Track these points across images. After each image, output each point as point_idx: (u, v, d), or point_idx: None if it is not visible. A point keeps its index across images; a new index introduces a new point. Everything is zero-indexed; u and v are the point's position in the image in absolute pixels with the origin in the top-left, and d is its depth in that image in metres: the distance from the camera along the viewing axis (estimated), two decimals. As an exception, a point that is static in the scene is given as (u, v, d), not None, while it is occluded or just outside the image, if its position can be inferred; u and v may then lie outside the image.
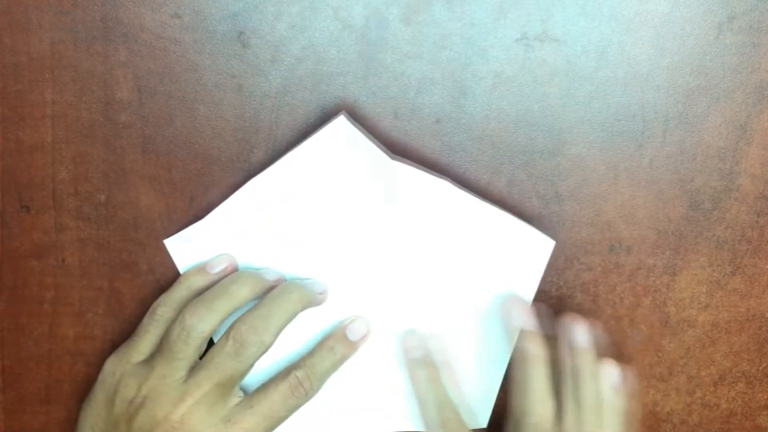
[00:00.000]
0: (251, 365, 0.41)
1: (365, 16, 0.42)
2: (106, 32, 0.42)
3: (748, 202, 0.45)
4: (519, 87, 0.43)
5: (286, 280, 0.43)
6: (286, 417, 0.41)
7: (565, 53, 0.43)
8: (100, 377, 0.42)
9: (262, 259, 0.44)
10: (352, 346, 0.43)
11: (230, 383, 0.41)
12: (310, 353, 0.43)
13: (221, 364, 0.40)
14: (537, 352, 0.42)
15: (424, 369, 0.44)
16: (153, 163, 0.44)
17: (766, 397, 0.47)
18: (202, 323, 0.40)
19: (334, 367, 0.43)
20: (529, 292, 0.44)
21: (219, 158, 0.44)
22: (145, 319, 0.43)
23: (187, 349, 0.40)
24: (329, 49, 0.43)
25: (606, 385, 0.42)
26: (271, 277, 0.43)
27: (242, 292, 0.41)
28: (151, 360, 0.41)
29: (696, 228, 0.45)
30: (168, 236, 0.44)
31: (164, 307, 0.42)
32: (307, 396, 0.42)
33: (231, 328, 0.40)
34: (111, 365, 0.42)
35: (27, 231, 0.45)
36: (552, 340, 0.43)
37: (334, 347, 0.43)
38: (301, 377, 0.41)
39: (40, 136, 0.44)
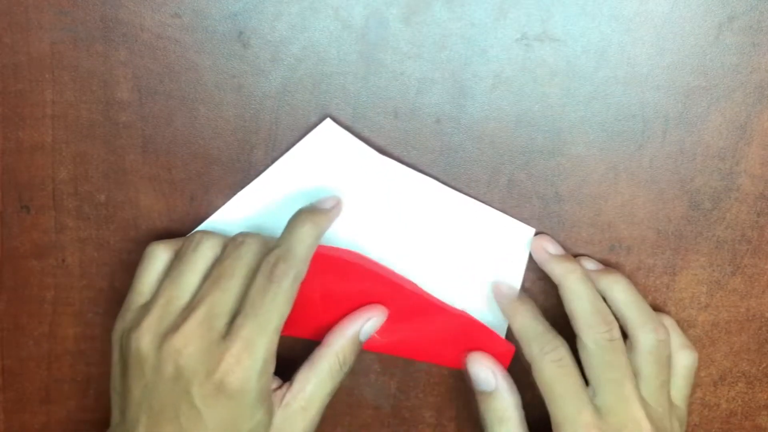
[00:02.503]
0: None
1: (365, 16, 0.42)
2: (106, 32, 0.42)
3: (748, 202, 0.45)
4: (519, 87, 0.43)
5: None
6: (278, 308, 0.38)
7: (565, 53, 0.43)
8: (112, 342, 0.40)
9: None
10: (324, 219, 0.41)
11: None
12: (281, 236, 0.40)
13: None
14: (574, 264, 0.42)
15: (523, 304, 0.43)
16: (153, 163, 0.44)
17: (766, 397, 0.47)
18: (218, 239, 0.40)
19: (311, 238, 0.39)
20: (516, 280, 0.45)
21: (219, 158, 0.44)
22: (140, 265, 0.41)
23: (205, 254, 0.39)
24: (329, 49, 0.43)
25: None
26: None
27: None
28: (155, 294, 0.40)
29: (696, 228, 0.45)
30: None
31: (158, 248, 0.41)
32: (287, 275, 0.38)
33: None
34: (116, 328, 0.40)
35: (27, 231, 0.45)
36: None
37: (304, 217, 0.40)
38: (272, 259, 0.38)
39: (40, 136, 0.44)
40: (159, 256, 0.41)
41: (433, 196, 0.44)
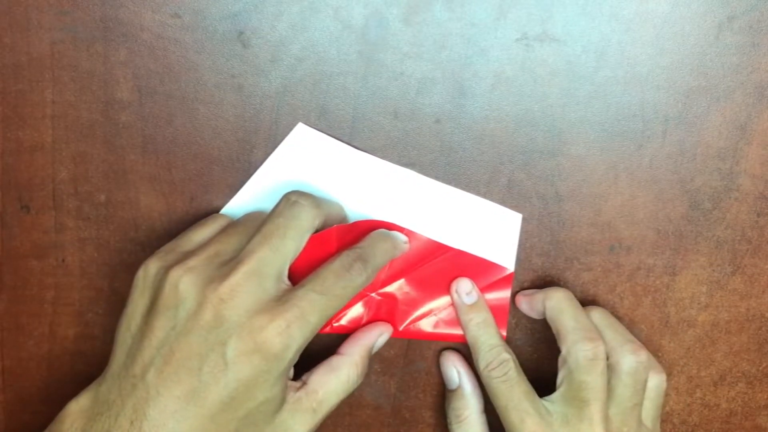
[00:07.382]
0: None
1: (365, 16, 0.42)
2: (106, 32, 0.42)
3: (748, 202, 0.45)
4: (519, 87, 0.43)
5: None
6: (341, 298, 0.38)
7: (565, 53, 0.43)
8: (136, 280, 0.39)
9: None
10: (400, 245, 0.43)
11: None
12: (362, 241, 0.41)
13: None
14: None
15: (478, 313, 0.44)
16: (153, 163, 0.44)
17: (766, 397, 0.47)
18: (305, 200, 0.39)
19: (387, 255, 0.41)
20: (509, 266, 0.45)
21: (219, 158, 0.44)
22: (196, 224, 0.42)
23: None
24: (329, 49, 0.43)
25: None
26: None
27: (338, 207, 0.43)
28: (205, 243, 0.39)
29: (696, 228, 0.45)
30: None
31: (222, 215, 0.42)
32: (362, 275, 0.39)
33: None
34: (149, 265, 0.39)
35: (27, 231, 0.45)
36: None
37: (386, 236, 0.42)
38: (353, 256, 0.39)
39: (40, 136, 0.44)
40: (220, 221, 0.42)
41: (416, 187, 0.44)
